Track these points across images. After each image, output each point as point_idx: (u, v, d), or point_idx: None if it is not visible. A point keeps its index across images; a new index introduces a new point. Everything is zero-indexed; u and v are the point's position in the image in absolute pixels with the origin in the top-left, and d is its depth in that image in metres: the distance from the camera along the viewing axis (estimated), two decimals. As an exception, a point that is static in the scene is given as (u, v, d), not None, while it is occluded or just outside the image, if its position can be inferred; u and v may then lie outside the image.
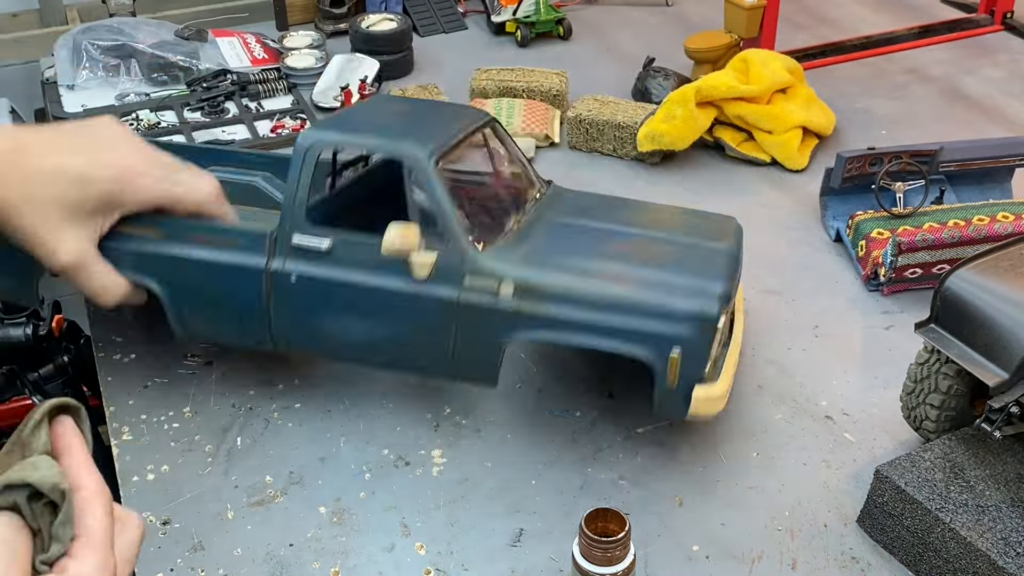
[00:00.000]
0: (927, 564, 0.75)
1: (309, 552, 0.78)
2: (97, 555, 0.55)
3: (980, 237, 1.02)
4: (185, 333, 0.89)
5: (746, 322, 1.02)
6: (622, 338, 0.80)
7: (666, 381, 0.79)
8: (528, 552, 0.78)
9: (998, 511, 0.73)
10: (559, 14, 1.64)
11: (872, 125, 1.37)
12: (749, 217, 0.92)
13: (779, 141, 1.27)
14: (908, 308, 1.03)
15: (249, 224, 0.88)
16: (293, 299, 0.85)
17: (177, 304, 0.87)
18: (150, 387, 0.94)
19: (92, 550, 0.54)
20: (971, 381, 0.80)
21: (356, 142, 0.89)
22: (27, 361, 1.41)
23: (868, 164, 1.11)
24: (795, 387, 0.94)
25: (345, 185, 0.96)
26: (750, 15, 1.44)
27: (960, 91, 1.47)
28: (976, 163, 1.13)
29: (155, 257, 0.86)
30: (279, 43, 1.55)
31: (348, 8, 1.66)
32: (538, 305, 0.80)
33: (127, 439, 0.89)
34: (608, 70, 1.54)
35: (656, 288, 0.80)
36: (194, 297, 0.87)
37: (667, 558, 0.77)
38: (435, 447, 0.88)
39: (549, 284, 0.81)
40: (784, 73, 1.30)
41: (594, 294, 0.80)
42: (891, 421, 0.89)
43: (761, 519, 0.81)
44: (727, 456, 0.87)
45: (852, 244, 1.10)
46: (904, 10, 1.73)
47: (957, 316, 0.78)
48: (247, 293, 0.86)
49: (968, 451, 0.79)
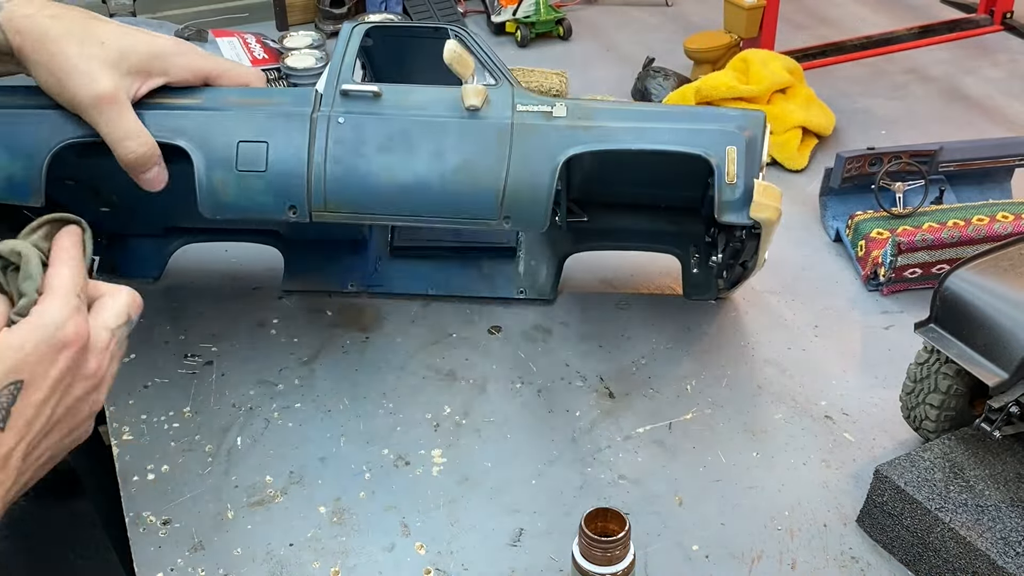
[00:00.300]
0: (927, 564, 0.75)
1: (309, 552, 0.78)
2: (58, 300, 0.62)
3: (980, 237, 1.02)
4: (213, 205, 0.85)
5: (746, 322, 1.02)
6: (679, 142, 0.84)
7: (725, 178, 0.83)
8: (528, 552, 0.78)
9: (998, 511, 0.73)
10: (559, 14, 1.64)
11: (872, 125, 1.37)
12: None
13: (779, 141, 1.27)
14: (908, 308, 1.03)
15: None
16: (339, 143, 0.84)
17: (210, 168, 0.84)
18: (150, 387, 0.94)
19: (54, 297, 0.62)
20: (971, 381, 0.80)
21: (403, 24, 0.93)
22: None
23: (868, 164, 1.11)
24: (795, 387, 0.94)
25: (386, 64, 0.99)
26: (750, 15, 1.44)
27: (960, 91, 1.47)
28: (976, 163, 1.13)
29: (192, 117, 0.85)
30: (279, 43, 1.54)
31: (348, 8, 1.66)
32: (591, 120, 0.85)
33: (127, 439, 0.89)
34: (608, 70, 1.54)
35: (707, 112, 0.89)
36: (229, 155, 0.84)
37: (667, 558, 0.78)
38: (435, 447, 0.88)
39: (601, 106, 0.87)
40: (784, 73, 1.30)
41: (647, 110, 0.87)
42: (891, 421, 0.89)
43: (761, 519, 0.81)
44: (727, 456, 0.87)
45: (852, 244, 1.10)
46: (904, 10, 1.73)
47: (957, 316, 0.78)
48: (289, 142, 0.84)
49: (968, 451, 0.79)
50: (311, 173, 0.84)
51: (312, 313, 1.03)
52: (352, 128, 0.85)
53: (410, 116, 0.85)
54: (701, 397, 0.93)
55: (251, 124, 0.85)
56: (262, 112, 0.85)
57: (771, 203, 0.84)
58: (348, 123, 0.85)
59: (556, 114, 0.86)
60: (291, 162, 0.84)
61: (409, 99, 0.86)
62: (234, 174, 0.84)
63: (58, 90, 0.82)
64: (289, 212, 0.85)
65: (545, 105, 0.86)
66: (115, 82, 0.81)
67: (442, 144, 0.84)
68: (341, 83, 0.86)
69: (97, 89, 0.80)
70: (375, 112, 0.86)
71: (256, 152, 0.84)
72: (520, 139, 0.84)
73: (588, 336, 1.00)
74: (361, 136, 0.85)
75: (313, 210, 0.85)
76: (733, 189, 0.84)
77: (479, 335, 1.00)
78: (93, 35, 0.81)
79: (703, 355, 0.98)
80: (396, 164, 0.84)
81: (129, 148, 0.82)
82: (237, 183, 0.84)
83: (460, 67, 0.84)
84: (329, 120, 0.85)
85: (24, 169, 0.84)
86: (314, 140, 0.84)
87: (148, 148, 0.83)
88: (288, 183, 0.84)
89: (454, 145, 0.84)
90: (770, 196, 0.84)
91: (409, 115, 0.85)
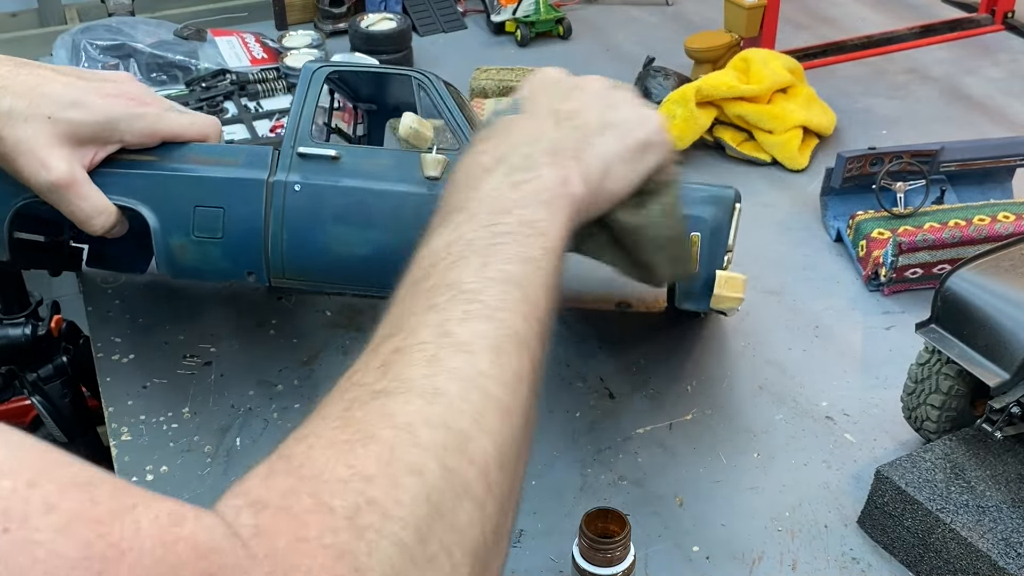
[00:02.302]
0: (928, 565, 0.75)
1: (308, 553, 0.78)
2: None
3: (981, 237, 1.02)
4: (171, 267, 0.84)
5: (746, 322, 1.01)
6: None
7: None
8: (528, 552, 0.78)
9: (999, 512, 0.73)
10: (559, 14, 1.64)
11: (872, 125, 1.37)
12: (749, 217, 0.92)
13: (779, 141, 1.27)
14: (909, 308, 1.03)
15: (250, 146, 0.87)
16: (295, 211, 0.82)
17: (166, 230, 0.82)
18: (149, 387, 0.94)
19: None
20: (972, 381, 0.79)
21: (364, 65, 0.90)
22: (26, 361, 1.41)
23: (868, 164, 1.11)
24: (795, 387, 0.94)
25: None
26: (750, 15, 1.44)
27: (961, 91, 1.47)
28: (977, 163, 1.13)
29: (148, 178, 0.82)
30: (278, 43, 1.54)
31: (347, 8, 1.66)
32: None
33: (126, 439, 0.89)
34: (608, 70, 1.52)
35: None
36: (185, 220, 0.82)
37: (667, 558, 0.77)
38: (435, 447, 0.87)
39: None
40: (784, 73, 1.30)
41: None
42: (891, 421, 0.89)
43: (761, 520, 0.80)
44: (727, 456, 0.86)
45: (852, 244, 1.09)
46: (904, 10, 1.73)
47: (958, 316, 0.78)
48: (245, 208, 0.82)
49: (969, 452, 0.78)
50: (267, 241, 0.83)
51: (312, 313, 1.03)
52: (307, 197, 0.82)
53: (367, 187, 0.82)
54: (701, 398, 0.92)
55: (207, 187, 0.83)
56: (219, 175, 0.83)
57: (732, 295, 0.82)
58: (304, 191, 0.82)
59: None
60: (248, 230, 0.82)
61: (367, 164, 0.83)
62: (191, 239, 0.83)
63: (12, 172, 0.79)
64: (248, 277, 0.84)
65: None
66: (68, 163, 0.78)
67: (400, 216, 0.81)
68: (299, 143, 0.84)
69: (51, 177, 0.78)
70: (332, 180, 0.82)
71: (213, 217, 0.82)
72: None
73: (588, 336, 1.00)
74: (317, 206, 0.82)
75: (272, 277, 0.84)
76: (694, 278, 0.82)
77: (479, 335, 1.00)
78: (38, 111, 0.76)
79: (703, 356, 0.97)
80: (353, 235, 0.82)
81: (96, 225, 0.81)
82: (195, 248, 0.83)
83: (417, 141, 0.82)
84: (285, 187, 0.82)
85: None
86: (270, 207, 0.82)
87: (111, 218, 0.82)
88: (245, 250, 0.83)
89: (412, 218, 0.79)
90: (732, 287, 0.82)
91: (366, 185, 0.82)
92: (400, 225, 0.81)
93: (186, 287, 1.06)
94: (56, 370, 1.42)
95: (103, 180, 0.81)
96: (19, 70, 0.78)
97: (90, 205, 0.80)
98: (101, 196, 0.81)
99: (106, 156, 0.82)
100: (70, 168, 0.78)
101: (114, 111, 0.80)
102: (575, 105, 0.69)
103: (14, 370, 1.43)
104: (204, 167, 0.83)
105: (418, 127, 0.82)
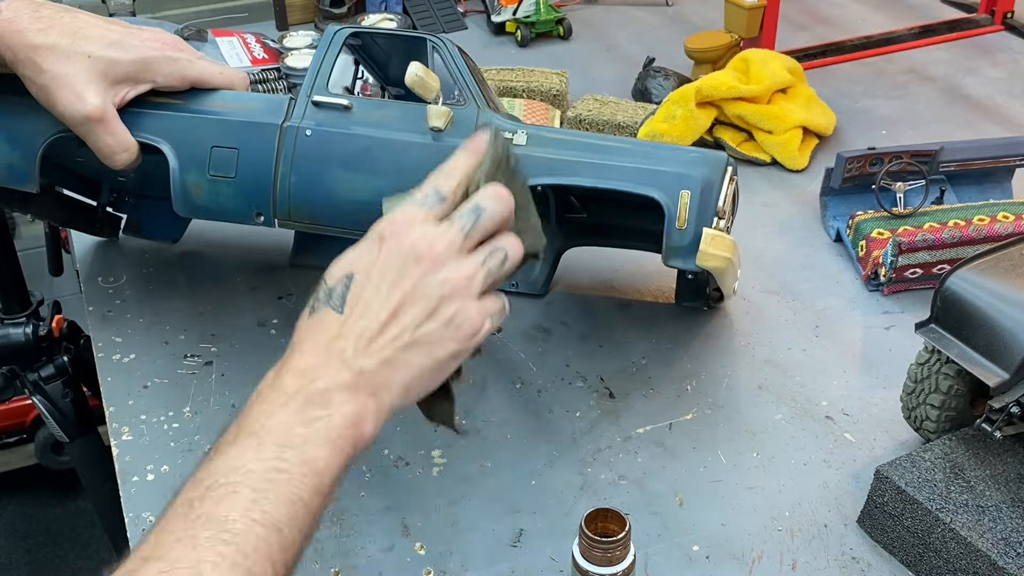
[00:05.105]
0: (927, 564, 0.75)
1: (309, 552, 0.78)
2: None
3: (980, 237, 1.02)
4: (185, 205, 0.88)
5: (746, 322, 1.02)
6: (634, 180, 0.83)
7: (676, 223, 0.82)
8: (528, 552, 0.78)
9: (998, 511, 0.73)
10: (559, 14, 1.64)
11: (872, 125, 1.37)
12: (749, 217, 0.92)
13: (779, 141, 1.27)
14: (908, 308, 1.03)
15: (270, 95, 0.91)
16: (305, 155, 0.86)
17: (184, 168, 0.87)
18: (150, 387, 0.94)
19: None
20: (971, 381, 0.79)
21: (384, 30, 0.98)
22: (27, 361, 1.41)
23: (868, 164, 1.11)
24: (795, 387, 0.94)
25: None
26: (750, 15, 1.44)
27: (960, 91, 1.47)
28: (976, 163, 1.13)
29: (172, 119, 0.88)
30: (279, 43, 1.54)
31: (348, 8, 1.66)
32: (550, 150, 0.85)
33: (127, 439, 0.89)
34: (608, 70, 1.54)
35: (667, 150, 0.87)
36: (202, 159, 0.87)
37: (667, 558, 0.77)
38: (435, 447, 0.88)
39: (561, 136, 0.86)
40: (784, 73, 1.30)
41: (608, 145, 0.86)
42: (891, 421, 0.89)
43: (761, 519, 0.81)
44: (727, 456, 0.87)
45: (852, 244, 1.09)
46: (904, 10, 1.73)
47: (957, 316, 0.78)
48: (258, 150, 0.86)
49: (968, 451, 0.79)
50: (276, 182, 0.86)
51: (312, 313, 1.03)
52: (318, 142, 0.87)
53: (375, 135, 0.86)
54: (701, 397, 0.92)
55: (225, 130, 0.87)
56: (236, 118, 0.88)
57: (719, 253, 0.83)
58: (315, 136, 0.87)
59: (516, 142, 0.86)
60: (259, 171, 0.87)
61: (377, 115, 0.87)
62: (206, 178, 0.87)
63: (48, 105, 0.84)
64: (256, 218, 0.88)
65: (507, 132, 0.86)
66: (101, 98, 0.83)
67: (403, 165, 0.85)
68: (315, 92, 0.88)
69: (84, 109, 0.83)
70: (342, 127, 0.87)
71: (228, 158, 0.87)
72: None
73: (588, 336, 1.00)
74: (326, 151, 0.86)
75: (278, 218, 0.88)
76: (682, 235, 0.83)
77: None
78: (80, 49, 0.83)
79: (703, 355, 0.98)
80: (357, 181, 0.86)
81: (118, 160, 0.86)
82: (208, 187, 0.87)
83: (422, 91, 0.84)
84: (297, 132, 0.87)
85: (21, 159, 0.88)
86: (281, 151, 0.87)
87: (135, 156, 0.87)
88: (255, 190, 0.87)
89: (414, 166, 0.83)
90: (719, 246, 0.83)
91: (374, 134, 0.86)
92: (402, 173, 0.84)
93: (186, 286, 1.06)
94: (57, 370, 1.42)
95: (130, 119, 0.86)
96: (64, 14, 0.84)
97: (116, 141, 0.85)
98: (127, 134, 0.86)
99: (136, 96, 0.86)
100: (103, 103, 0.83)
101: (149, 53, 0.86)
102: (396, 302, 0.69)
103: (15, 370, 1.43)
104: (224, 111, 0.88)
105: (424, 76, 0.84)
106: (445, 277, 0.69)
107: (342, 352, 0.67)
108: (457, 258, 0.70)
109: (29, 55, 0.82)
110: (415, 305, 0.69)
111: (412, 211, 0.71)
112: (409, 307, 0.69)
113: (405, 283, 0.69)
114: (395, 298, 0.69)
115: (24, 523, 2.22)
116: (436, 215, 0.71)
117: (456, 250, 0.70)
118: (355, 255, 0.70)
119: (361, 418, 0.66)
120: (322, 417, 0.64)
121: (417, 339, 0.69)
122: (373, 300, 0.68)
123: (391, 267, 0.69)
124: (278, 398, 0.65)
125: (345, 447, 0.65)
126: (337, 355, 0.67)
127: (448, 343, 0.70)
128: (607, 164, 0.85)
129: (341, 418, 0.65)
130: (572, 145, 0.86)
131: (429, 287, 0.69)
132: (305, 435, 0.63)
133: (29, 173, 0.88)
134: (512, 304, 1.04)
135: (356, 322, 0.68)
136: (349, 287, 0.69)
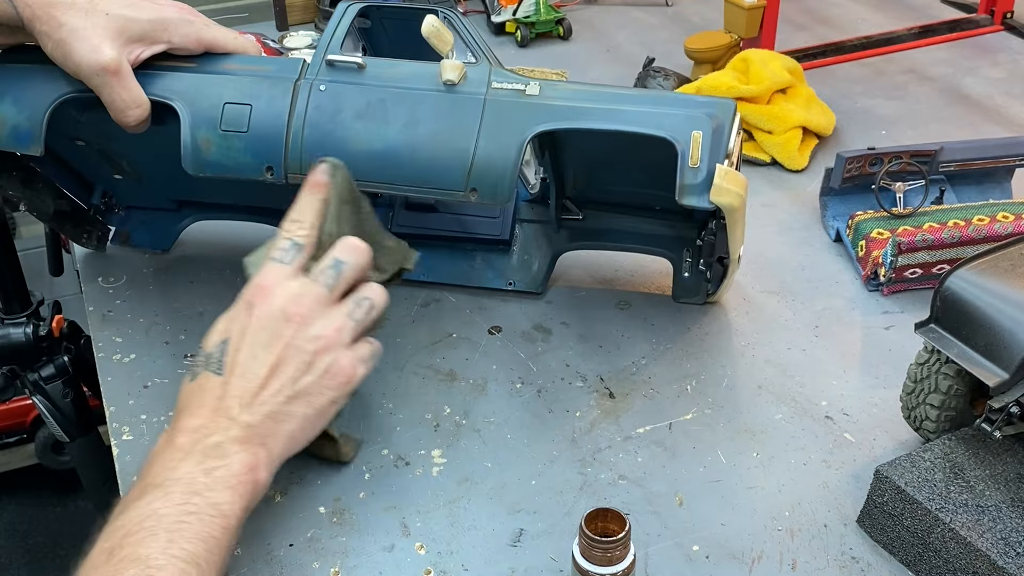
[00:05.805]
0: (927, 564, 0.75)
1: (309, 552, 0.78)
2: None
3: (980, 237, 1.02)
4: (195, 163, 0.88)
5: (746, 322, 1.02)
6: (646, 123, 0.84)
7: (688, 161, 0.83)
8: (528, 552, 0.78)
9: (998, 511, 0.73)
10: (559, 14, 1.64)
11: (872, 125, 1.37)
12: (749, 217, 0.92)
13: (779, 141, 1.27)
14: (908, 308, 1.03)
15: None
16: (317, 109, 0.87)
17: (195, 124, 0.87)
18: (150, 387, 0.94)
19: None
20: (971, 381, 0.80)
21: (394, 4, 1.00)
22: (27, 361, 1.42)
23: (868, 164, 1.11)
24: (795, 387, 0.94)
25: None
26: (750, 15, 1.44)
27: (960, 91, 1.47)
28: (976, 163, 1.13)
29: (185, 79, 0.88)
30: (279, 43, 1.54)
31: (348, 8, 1.66)
32: (562, 100, 0.86)
33: (127, 439, 0.89)
34: (608, 70, 1.54)
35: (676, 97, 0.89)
36: (214, 115, 0.87)
37: (667, 558, 0.77)
38: (435, 447, 0.88)
39: (573, 86, 0.88)
40: (784, 73, 1.30)
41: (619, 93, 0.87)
42: (891, 421, 0.89)
43: (761, 519, 0.81)
44: (727, 456, 0.87)
45: (852, 244, 1.10)
46: (904, 10, 1.73)
47: (957, 316, 0.78)
48: (271, 105, 0.87)
49: (968, 451, 0.79)
50: (289, 136, 0.87)
51: (312, 313, 1.03)
52: (332, 95, 0.88)
53: (388, 87, 0.87)
54: (701, 397, 0.93)
55: (238, 87, 0.88)
56: (250, 76, 0.89)
57: (733, 188, 0.83)
58: (329, 91, 0.88)
59: (529, 92, 0.87)
60: (271, 125, 0.87)
61: (390, 72, 0.89)
62: (218, 133, 0.88)
63: (63, 59, 0.84)
64: (267, 173, 0.88)
65: (519, 84, 0.88)
66: (117, 52, 0.84)
67: (416, 115, 0.86)
68: (329, 52, 0.89)
69: (100, 60, 0.84)
70: (355, 82, 0.88)
71: (240, 113, 0.87)
72: (491, 115, 0.86)
73: (588, 336, 1.00)
74: (339, 103, 0.87)
75: (288, 171, 0.88)
76: (695, 172, 0.83)
77: (479, 335, 1.00)
78: (100, 6, 0.84)
79: (703, 355, 0.98)
80: (370, 131, 0.87)
81: (130, 116, 0.87)
82: (220, 142, 0.88)
83: (438, 41, 0.86)
84: (311, 87, 0.88)
85: (28, 120, 0.88)
86: (295, 105, 0.87)
87: (146, 113, 0.87)
88: (267, 145, 0.87)
89: (427, 117, 0.86)
90: (732, 181, 0.84)
91: (387, 86, 0.88)
92: (416, 123, 0.86)
93: (186, 286, 1.06)
94: (57, 370, 1.43)
95: (144, 79, 0.87)
96: None
97: (130, 96, 0.86)
98: (140, 90, 0.86)
99: (151, 57, 0.88)
100: (117, 55, 0.84)
101: (166, 14, 0.88)
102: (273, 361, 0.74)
103: (15, 370, 1.43)
104: (238, 72, 0.89)
105: (439, 28, 0.86)
106: (317, 333, 0.75)
107: (229, 410, 0.72)
108: (325, 313, 0.76)
109: (48, 11, 0.83)
110: (291, 361, 0.74)
111: (275, 271, 0.77)
112: (286, 364, 0.74)
113: (278, 343, 0.74)
114: (271, 357, 0.74)
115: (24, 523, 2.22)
116: (298, 267, 0.78)
117: (323, 305, 0.76)
118: (227, 322, 0.76)
119: (255, 466, 0.71)
120: (220, 466, 0.69)
121: (297, 392, 0.74)
122: (250, 361, 0.74)
123: (264, 329, 0.74)
124: (176, 455, 0.70)
125: (245, 492, 0.70)
126: (224, 413, 0.72)
127: (326, 392, 0.76)
128: (619, 110, 0.85)
129: (239, 466, 0.70)
130: (584, 94, 0.87)
131: (302, 343, 0.75)
132: (207, 483, 0.68)
133: (35, 135, 0.88)
134: (512, 304, 1.04)
135: (237, 382, 0.73)
136: (225, 351, 0.74)
